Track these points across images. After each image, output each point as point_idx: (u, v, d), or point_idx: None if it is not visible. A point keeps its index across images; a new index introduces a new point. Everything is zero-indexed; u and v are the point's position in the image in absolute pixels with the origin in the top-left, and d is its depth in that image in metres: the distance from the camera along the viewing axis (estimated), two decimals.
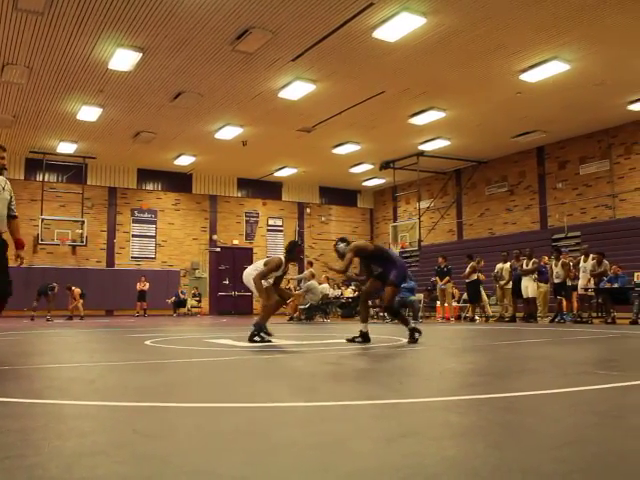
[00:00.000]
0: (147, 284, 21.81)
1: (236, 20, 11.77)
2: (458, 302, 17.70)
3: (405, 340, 7.73)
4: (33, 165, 22.20)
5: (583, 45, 13.03)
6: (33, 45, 12.82)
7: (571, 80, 14.83)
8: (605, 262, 13.98)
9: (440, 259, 16.80)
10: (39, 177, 22.14)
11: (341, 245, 7.69)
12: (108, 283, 22.48)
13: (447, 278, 16.45)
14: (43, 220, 21.59)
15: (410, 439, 2.28)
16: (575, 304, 14.67)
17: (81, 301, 18.82)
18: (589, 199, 19.91)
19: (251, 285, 7.66)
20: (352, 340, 7.40)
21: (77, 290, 18.86)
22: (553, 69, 14.10)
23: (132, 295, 21.88)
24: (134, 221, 24.33)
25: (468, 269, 15.99)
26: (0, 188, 5.32)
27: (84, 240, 22.35)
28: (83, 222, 22.36)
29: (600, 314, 14.37)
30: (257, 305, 25.91)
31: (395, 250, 8.39)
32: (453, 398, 3.35)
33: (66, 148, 20.67)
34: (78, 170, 22.39)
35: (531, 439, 2.31)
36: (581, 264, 14.36)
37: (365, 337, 7.36)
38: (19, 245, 5.48)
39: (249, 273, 7.75)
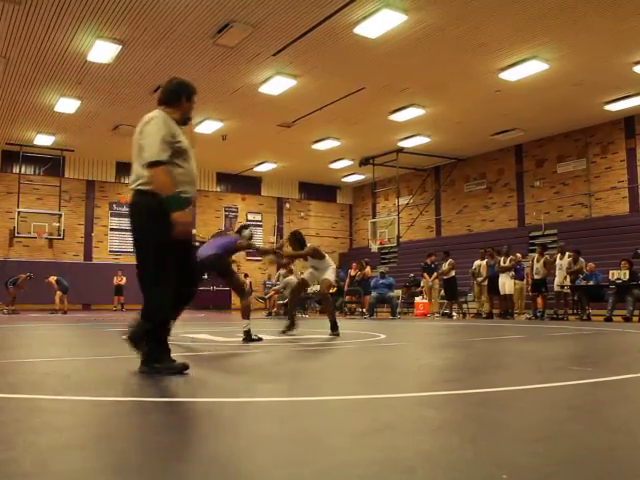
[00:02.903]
0: (124, 278, 21.60)
1: (217, 14, 11.70)
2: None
3: (383, 336, 7.75)
4: (9, 157, 21.88)
5: (561, 45, 13.14)
6: (10, 35, 12.61)
7: (550, 79, 14.96)
8: (581, 260, 14.16)
9: (432, 257, 16.89)
10: (15, 169, 21.83)
11: (246, 232, 7.35)
12: (86, 277, 22.23)
13: (435, 274, 16.62)
14: (19, 213, 21.25)
15: (385, 434, 2.29)
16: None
17: (59, 293, 18.19)
18: (566, 197, 20.11)
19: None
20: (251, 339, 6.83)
21: (52, 278, 18.25)
22: (532, 68, 14.20)
23: (110, 289, 21.67)
24: (112, 215, 24.11)
25: (447, 266, 16.11)
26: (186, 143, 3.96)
27: (61, 233, 22.10)
28: (60, 215, 22.11)
29: (576, 311, 14.55)
30: (235, 300, 25.84)
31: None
32: (429, 393, 3.38)
33: (43, 140, 20.38)
34: (56, 163, 22.10)
35: (506, 434, 2.33)
36: (557, 261, 14.52)
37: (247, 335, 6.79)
38: None
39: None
